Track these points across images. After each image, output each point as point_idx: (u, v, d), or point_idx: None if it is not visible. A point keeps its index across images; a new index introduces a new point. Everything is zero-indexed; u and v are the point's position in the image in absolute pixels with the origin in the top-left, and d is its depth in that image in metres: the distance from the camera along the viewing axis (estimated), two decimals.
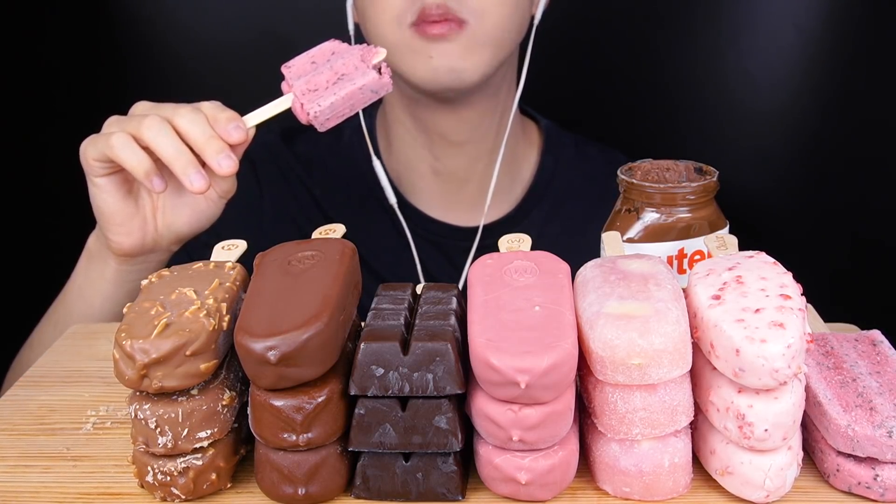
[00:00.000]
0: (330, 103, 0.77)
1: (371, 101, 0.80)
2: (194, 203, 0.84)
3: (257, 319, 0.54)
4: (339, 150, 1.10)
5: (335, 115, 0.78)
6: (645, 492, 0.56)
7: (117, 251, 0.84)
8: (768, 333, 0.53)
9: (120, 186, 0.81)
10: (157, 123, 0.76)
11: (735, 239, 0.65)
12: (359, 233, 1.04)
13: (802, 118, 1.25)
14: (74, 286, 0.89)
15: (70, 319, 0.88)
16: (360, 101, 0.79)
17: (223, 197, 0.84)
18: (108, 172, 0.80)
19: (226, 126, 0.77)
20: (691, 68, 1.28)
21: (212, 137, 0.76)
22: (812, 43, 1.22)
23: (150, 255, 0.86)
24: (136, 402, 0.56)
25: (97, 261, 0.87)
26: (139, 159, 0.76)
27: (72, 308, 0.89)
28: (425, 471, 0.56)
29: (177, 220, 0.84)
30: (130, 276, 0.86)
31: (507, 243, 0.65)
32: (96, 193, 0.81)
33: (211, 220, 0.86)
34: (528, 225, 1.07)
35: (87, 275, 0.88)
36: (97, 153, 0.78)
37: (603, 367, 0.54)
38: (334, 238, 0.64)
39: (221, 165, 0.76)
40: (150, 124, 0.76)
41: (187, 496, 0.58)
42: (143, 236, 0.83)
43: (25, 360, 0.92)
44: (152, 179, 0.77)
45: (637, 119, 1.30)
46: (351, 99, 0.78)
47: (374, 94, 0.79)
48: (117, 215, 0.82)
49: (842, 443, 0.56)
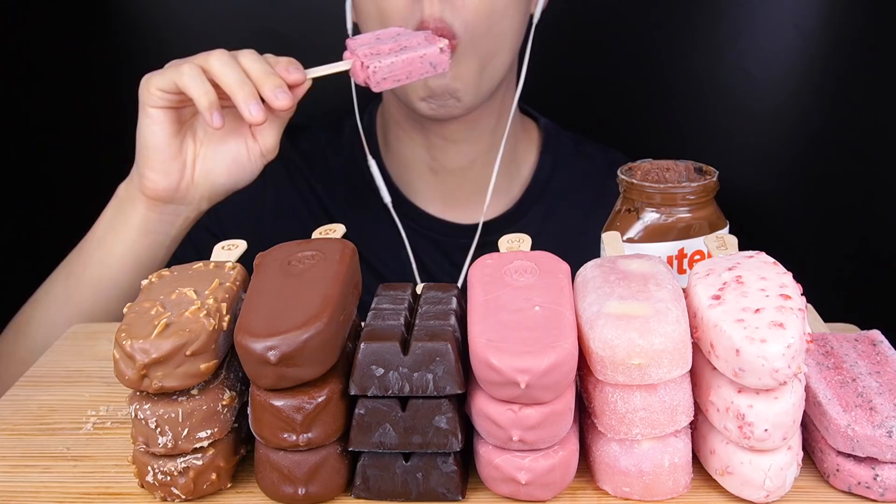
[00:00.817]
0: (390, 62, 0.81)
1: (427, 76, 0.84)
2: (236, 155, 0.86)
3: (257, 319, 0.54)
4: (340, 147, 1.10)
5: (392, 76, 0.82)
6: (645, 492, 0.56)
7: (151, 191, 0.84)
8: (768, 333, 0.53)
9: (172, 122, 0.83)
10: (225, 58, 0.80)
11: (735, 239, 0.65)
12: (359, 230, 1.04)
13: (802, 118, 1.25)
14: (95, 236, 0.89)
15: (85, 270, 0.88)
16: (418, 71, 0.83)
17: (265, 155, 0.86)
18: (166, 105, 0.82)
19: (286, 66, 0.82)
20: (691, 68, 1.27)
21: (271, 74, 0.80)
22: (812, 43, 1.22)
23: (178, 207, 0.86)
24: (136, 402, 0.56)
25: (125, 206, 0.87)
26: (206, 90, 0.79)
27: (89, 258, 0.89)
28: (425, 471, 0.57)
29: (215, 169, 0.85)
30: (155, 225, 0.87)
31: (507, 243, 0.65)
32: (147, 125, 0.83)
33: (247, 180, 0.87)
34: (527, 223, 1.07)
35: (112, 222, 0.88)
36: (165, 82, 0.80)
37: (603, 367, 0.54)
38: (334, 238, 0.64)
39: (278, 97, 0.79)
40: (217, 57, 0.80)
41: (187, 496, 0.58)
42: (179, 179, 0.84)
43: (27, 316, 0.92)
44: (213, 113, 0.79)
45: (637, 119, 1.30)
46: (410, 65, 0.82)
47: (433, 67, 0.83)
48: (161, 151, 0.83)
49: (842, 443, 0.56)
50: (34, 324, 0.91)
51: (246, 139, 0.86)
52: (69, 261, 0.91)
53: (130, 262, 0.88)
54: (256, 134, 0.86)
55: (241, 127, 0.86)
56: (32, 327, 0.91)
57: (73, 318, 0.87)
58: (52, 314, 0.90)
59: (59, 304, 0.90)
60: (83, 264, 0.89)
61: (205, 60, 0.80)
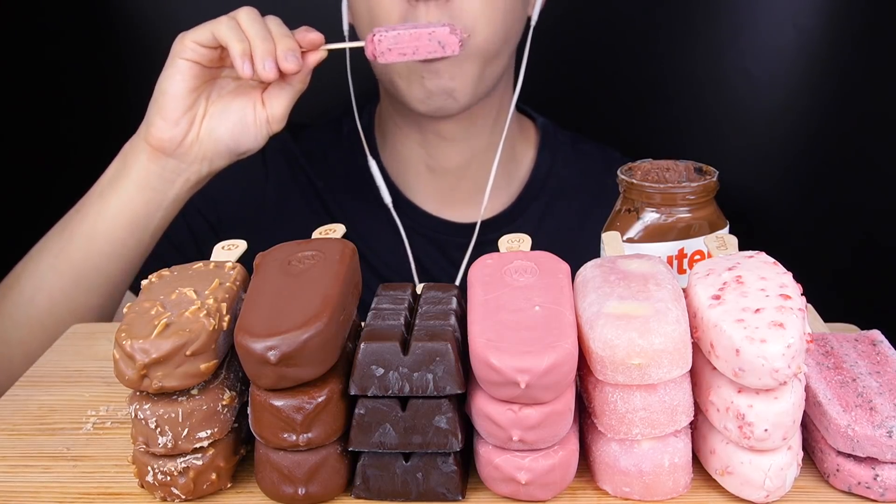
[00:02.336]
0: (396, 33, 0.83)
1: (435, 55, 0.85)
2: (242, 117, 0.88)
3: (257, 319, 0.54)
4: (340, 146, 1.10)
5: (398, 48, 0.83)
6: (645, 492, 0.56)
7: (156, 140, 0.86)
8: (768, 333, 0.53)
9: (195, 76, 0.86)
10: (253, 14, 0.86)
11: (735, 239, 0.65)
12: (359, 229, 1.05)
13: (802, 118, 1.25)
14: (95, 191, 0.90)
15: (82, 224, 0.89)
16: (425, 49, 0.84)
17: (271, 123, 0.88)
18: (195, 58, 0.85)
19: (304, 31, 0.87)
20: (691, 68, 1.27)
21: (288, 36, 0.85)
22: (812, 43, 1.22)
23: (179, 165, 0.87)
24: (136, 402, 0.56)
25: (128, 159, 0.88)
26: (240, 38, 0.83)
27: (87, 211, 0.89)
28: (425, 471, 0.57)
29: (220, 127, 0.87)
30: (154, 180, 0.88)
31: (506, 243, 0.65)
32: (171, 74, 0.85)
33: (250, 146, 0.89)
34: (525, 221, 1.08)
35: (114, 175, 0.89)
36: (203, 35, 0.85)
37: (603, 367, 0.54)
38: (334, 238, 0.64)
39: (287, 59, 0.83)
40: (246, 12, 0.85)
41: (187, 496, 0.58)
42: (185, 132, 0.86)
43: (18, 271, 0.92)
44: (245, 60, 0.83)
45: (637, 119, 1.30)
46: (417, 40, 0.83)
47: (441, 47, 0.84)
48: (178, 101, 0.85)
49: (842, 443, 0.56)
50: (23, 277, 0.91)
51: (255, 104, 0.88)
52: (67, 216, 0.92)
53: (127, 217, 0.88)
54: (266, 100, 0.88)
55: (252, 91, 0.89)
56: (22, 278, 0.91)
57: (64, 274, 0.88)
58: (41, 268, 0.90)
59: (50, 257, 0.90)
60: (80, 217, 0.90)
61: (235, 14, 0.85)
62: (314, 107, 0.93)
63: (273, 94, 0.88)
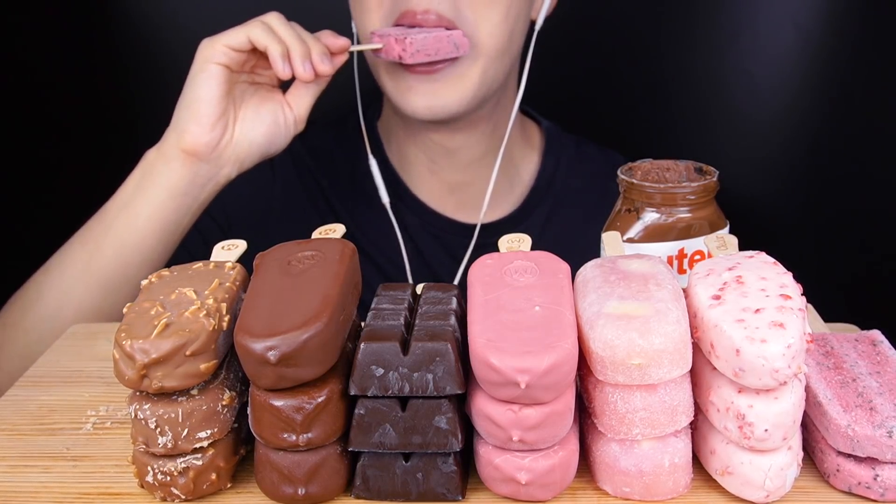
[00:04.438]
0: (423, 36, 0.91)
1: (452, 56, 0.93)
2: (274, 118, 0.90)
3: (257, 319, 0.54)
4: (345, 144, 1.10)
5: (424, 50, 0.91)
6: (645, 492, 0.56)
7: (191, 146, 0.87)
8: (768, 333, 0.53)
9: (227, 81, 0.87)
10: (283, 18, 0.88)
11: (735, 239, 0.65)
12: (362, 227, 1.05)
13: (802, 118, 1.25)
14: (119, 200, 0.90)
15: (107, 235, 0.88)
16: (445, 49, 0.92)
17: (297, 124, 0.92)
18: (227, 62, 0.87)
19: (332, 34, 0.91)
20: (691, 68, 1.27)
21: (318, 40, 0.89)
22: (812, 43, 1.22)
23: (212, 169, 0.88)
24: (136, 402, 0.56)
25: (157, 167, 0.88)
26: (278, 40, 0.86)
27: (112, 222, 0.89)
28: (425, 471, 0.56)
29: (254, 130, 0.90)
30: (186, 186, 0.88)
31: (507, 243, 0.65)
32: (204, 79, 0.87)
33: (280, 146, 0.92)
34: (529, 225, 1.07)
35: (140, 183, 0.89)
36: (237, 39, 0.86)
37: (603, 367, 0.54)
38: (334, 238, 0.64)
39: (323, 62, 0.87)
40: (276, 17, 0.88)
41: (187, 496, 0.58)
42: (221, 136, 0.88)
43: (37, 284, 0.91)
44: (286, 62, 0.86)
45: (637, 119, 1.30)
46: (439, 42, 0.92)
47: (456, 48, 0.93)
48: (213, 106, 0.87)
49: (842, 443, 0.56)
50: (46, 290, 0.90)
51: (283, 105, 0.91)
52: (88, 227, 0.91)
53: (158, 224, 0.88)
54: (291, 101, 0.91)
55: (277, 94, 0.91)
56: (43, 293, 0.90)
57: (92, 286, 0.88)
58: (67, 282, 0.89)
59: (76, 270, 0.89)
60: (104, 228, 0.89)
61: (266, 18, 0.88)
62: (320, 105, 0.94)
63: (297, 95, 0.91)
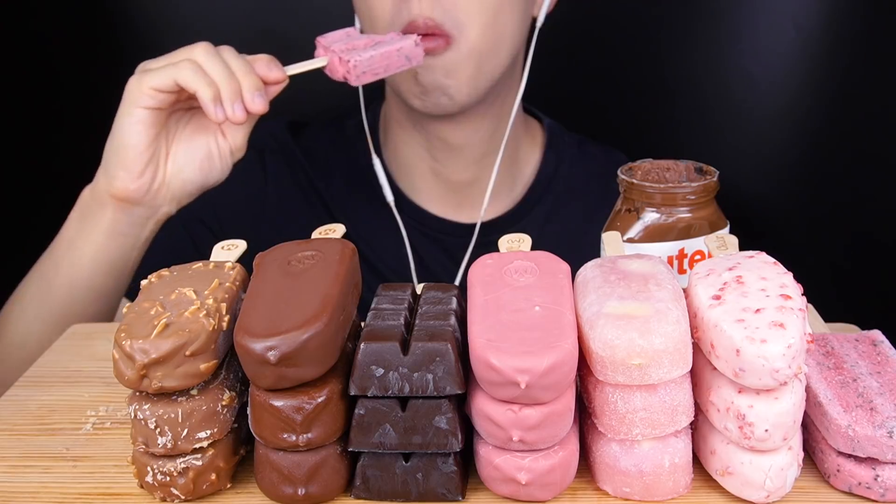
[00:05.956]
0: (369, 56, 0.83)
1: (404, 69, 0.87)
2: (207, 153, 0.86)
3: (257, 319, 0.54)
4: (342, 145, 1.10)
5: (371, 70, 0.84)
6: (645, 492, 0.56)
7: (121, 192, 0.83)
8: (769, 333, 0.53)
9: (156, 123, 0.82)
10: (211, 51, 0.81)
11: (735, 239, 0.65)
12: (360, 228, 1.05)
13: (803, 118, 1.25)
14: (64, 240, 0.88)
15: (57, 274, 0.87)
16: (395, 64, 0.86)
17: (234, 153, 0.86)
18: (156, 105, 0.81)
19: (267, 64, 0.82)
20: (691, 68, 1.27)
21: (250, 73, 0.81)
22: (812, 43, 1.22)
23: (147, 209, 0.86)
24: (135, 402, 0.56)
25: (93, 208, 0.86)
26: (208, 82, 0.79)
27: (60, 261, 0.88)
28: (425, 471, 0.56)
29: (187, 167, 0.85)
30: (124, 227, 0.86)
31: (507, 243, 0.65)
32: (130, 124, 0.82)
33: (217, 178, 0.87)
34: (529, 223, 1.07)
35: (80, 225, 0.87)
36: (163, 80, 0.80)
37: (603, 367, 0.54)
38: (334, 238, 0.64)
39: (255, 101, 0.80)
40: (203, 51, 0.80)
41: (187, 496, 0.57)
42: (151, 181, 0.84)
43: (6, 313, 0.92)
44: (216, 105, 0.79)
45: (637, 119, 1.30)
46: (387, 58, 0.85)
47: (408, 60, 0.86)
48: (141, 153, 0.82)
49: (842, 443, 0.56)
50: (11, 322, 0.91)
51: (216, 137, 0.86)
52: (41, 263, 0.91)
53: (104, 265, 0.87)
54: (226, 132, 0.86)
55: (210, 125, 0.86)
56: (10, 325, 0.91)
57: (48, 321, 0.87)
58: (27, 317, 0.89)
59: (33, 305, 0.89)
60: (54, 267, 0.88)
61: (190, 53, 0.81)
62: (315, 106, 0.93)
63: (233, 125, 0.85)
